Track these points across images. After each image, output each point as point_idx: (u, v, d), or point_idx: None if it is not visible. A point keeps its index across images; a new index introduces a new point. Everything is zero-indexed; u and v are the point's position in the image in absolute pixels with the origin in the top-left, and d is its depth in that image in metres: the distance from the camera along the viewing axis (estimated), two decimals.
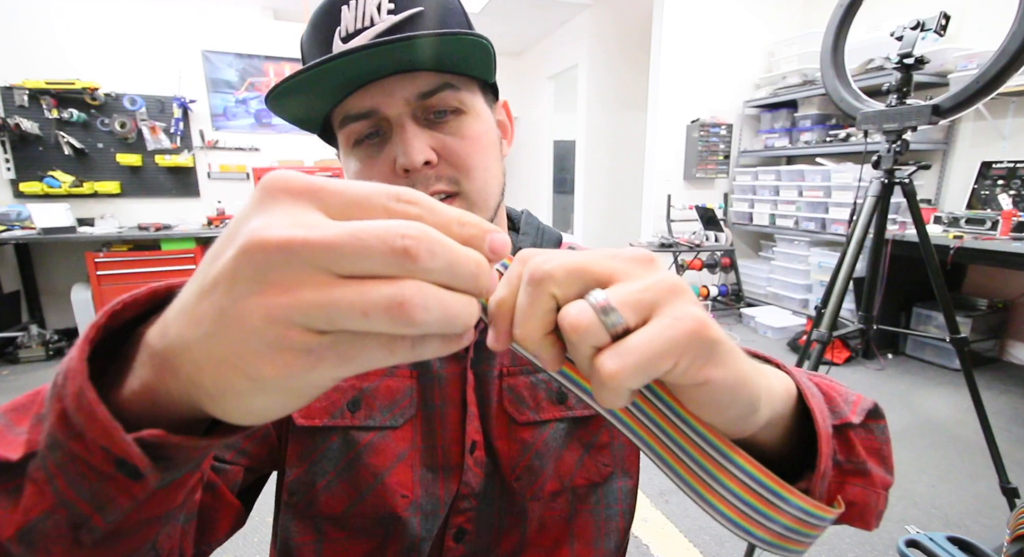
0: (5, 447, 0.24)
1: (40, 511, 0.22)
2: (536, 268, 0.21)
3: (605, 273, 0.21)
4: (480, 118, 0.47)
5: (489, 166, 0.47)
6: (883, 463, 0.35)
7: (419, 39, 0.39)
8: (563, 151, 6.09)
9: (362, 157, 0.45)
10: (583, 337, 0.20)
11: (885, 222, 1.47)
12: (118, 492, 0.21)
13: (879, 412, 0.36)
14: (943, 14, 1.33)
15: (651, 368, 0.20)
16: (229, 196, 3.88)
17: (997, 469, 1.48)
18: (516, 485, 0.48)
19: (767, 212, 3.82)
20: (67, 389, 0.20)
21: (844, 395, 0.36)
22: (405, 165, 0.42)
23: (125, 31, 3.50)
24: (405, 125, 0.43)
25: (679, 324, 0.20)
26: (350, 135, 0.45)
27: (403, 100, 0.43)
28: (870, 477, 0.34)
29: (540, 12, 4.77)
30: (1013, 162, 2.78)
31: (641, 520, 1.70)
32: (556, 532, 0.50)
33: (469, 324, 0.19)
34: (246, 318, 0.17)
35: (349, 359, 0.18)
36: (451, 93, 0.44)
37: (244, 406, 0.19)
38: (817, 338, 1.40)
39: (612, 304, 0.20)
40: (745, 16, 3.94)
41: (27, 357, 3.22)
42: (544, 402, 0.50)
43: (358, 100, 0.43)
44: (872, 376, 2.86)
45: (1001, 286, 3.01)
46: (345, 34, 0.42)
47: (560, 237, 0.60)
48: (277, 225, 0.17)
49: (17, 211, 3.30)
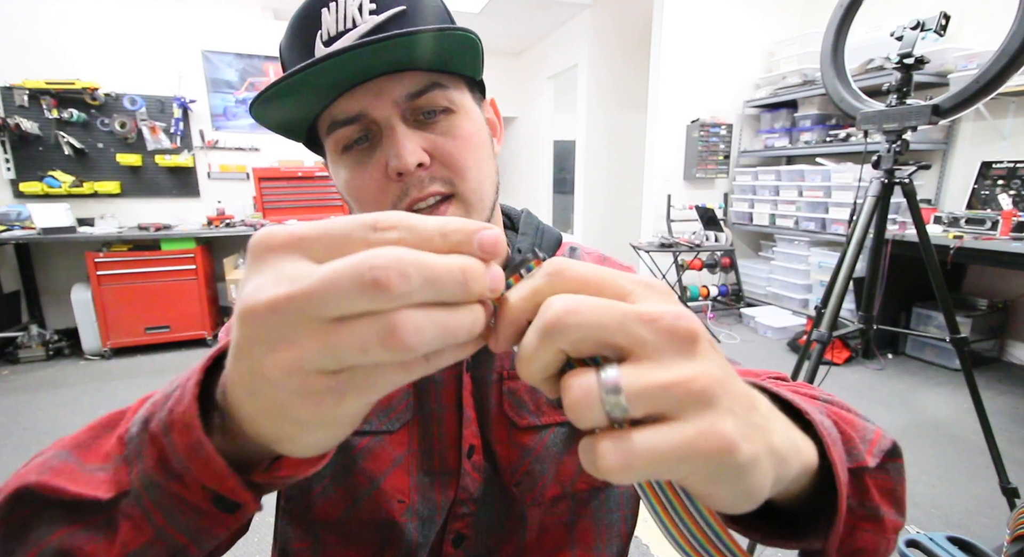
0: (87, 485, 0.26)
1: (139, 544, 0.25)
2: (553, 317, 0.19)
3: (631, 344, 0.18)
4: (470, 117, 0.46)
5: (482, 165, 0.46)
6: (896, 506, 0.34)
7: (407, 37, 0.38)
8: (563, 151, 6.09)
9: (352, 163, 0.44)
10: (579, 418, 0.18)
11: (885, 222, 1.47)
12: (214, 524, 0.24)
13: (897, 451, 0.34)
14: (943, 14, 1.33)
15: (653, 474, 0.18)
16: (229, 196, 3.88)
17: (997, 469, 1.48)
18: (516, 490, 0.48)
19: (767, 212, 3.82)
20: (173, 439, 0.23)
21: (862, 432, 0.34)
22: (398, 168, 0.41)
23: (125, 31, 3.50)
24: (395, 127, 0.42)
25: (702, 441, 0.18)
26: (338, 141, 0.43)
27: (391, 101, 0.42)
28: (882, 522, 0.32)
29: (540, 12, 4.77)
30: (1013, 162, 2.78)
31: (641, 520, 1.70)
32: (557, 537, 0.49)
33: (474, 331, 0.19)
34: (269, 375, 0.18)
35: (370, 387, 0.19)
36: (440, 92, 0.43)
37: (301, 443, 0.21)
38: (817, 338, 1.40)
39: (622, 389, 0.18)
40: (745, 16, 3.94)
41: (27, 357, 3.22)
42: (545, 406, 0.49)
43: (345, 104, 0.42)
44: (872, 376, 2.86)
45: (1001, 286, 3.01)
46: (327, 37, 0.41)
47: (560, 237, 0.59)
48: (265, 286, 0.18)
49: (17, 211, 3.30)
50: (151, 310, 3.30)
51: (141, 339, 3.33)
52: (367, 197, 0.44)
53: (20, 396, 2.73)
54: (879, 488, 0.33)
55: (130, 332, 3.29)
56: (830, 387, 2.26)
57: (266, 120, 0.44)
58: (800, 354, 1.60)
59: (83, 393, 2.76)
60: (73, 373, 3.07)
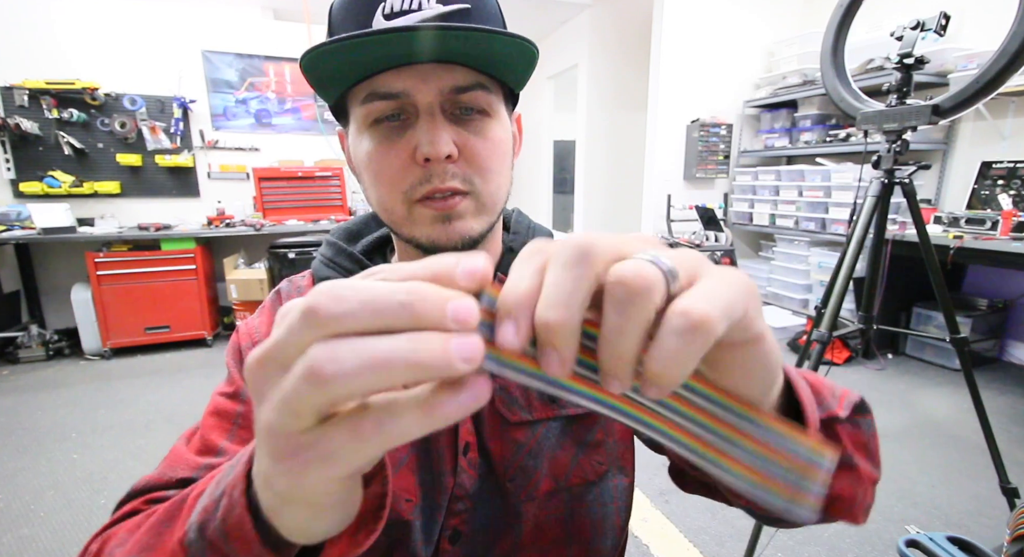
0: None
1: None
2: (580, 243, 0.18)
3: (642, 248, 0.19)
4: (502, 124, 0.47)
5: (503, 172, 0.47)
6: (870, 457, 0.35)
7: (477, 33, 0.39)
8: (563, 151, 6.09)
9: (380, 138, 0.44)
10: (647, 294, 0.17)
11: (885, 222, 1.47)
12: None
13: (866, 406, 0.36)
14: (943, 14, 1.33)
15: (733, 311, 0.18)
16: (229, 196, 3.88)
17: (997, 469, 1.48)
18: (510, 486, 0.48)
19: (767, 212, 3.82)
20: (233, 547, 0.25)
21: (831, 389, 0.36)
22: (428, 154, 0.41)
23: (125, 31, 3.50)
24: (435, 115, 0.42)
25: (732, 275, 0.19)
26: (371, 112, 0.43)
27: (437, 89, 0.42)
28: (857, 471, 0.34)
29: (540, 12, 4.77)
30: (1013, 162, 2.78)
31: (641, 520, 1.70)
32: (552, 532, 0.50)
33: (416, 359, 0.16)
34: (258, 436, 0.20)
35: (328, 455, 0.18)
36: (483, 94, 0.44)
37: (290, 522, 0.23)
38: (817, 338, 1.40)
39: (672, 265, 0.18)
40: (745, 16, 3.94)
41: (27, 357, 3.23)
42: (536, 402, 0.50)
43: (390, 80, 0.42)
44: (872, 376, 2.86)
45: (1001, 286, 3.01)
46: (390, 11, 0.41)
47: (551, 235, 0.60)
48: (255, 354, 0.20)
49: (17, 211, 3.30)
50: (151, 310, 3.31)
51: (141, 339, 3.33)
52: (387, 174, 0.44)
53: (20, 396, 2.73)
54: (851, 439, 0.34)
55: (130, 332, 3.29)
56: None
57: (312, 71, 0.43)
58: (800, 354, 1.60)
59: (83, 393, 2.76)
60: (73, 373, 3.07)
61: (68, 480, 1.96)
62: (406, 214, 0.45)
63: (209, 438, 0.46)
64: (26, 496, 1.87)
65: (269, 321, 0.53)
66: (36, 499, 1.85)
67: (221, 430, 0.46)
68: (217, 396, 0.49)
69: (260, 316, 0.54)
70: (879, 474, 0.36)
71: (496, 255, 0.55)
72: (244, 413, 0.47)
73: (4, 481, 1.96)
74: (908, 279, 2.91)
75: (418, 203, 0.44)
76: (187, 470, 0.43)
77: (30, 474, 2.01)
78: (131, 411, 2.54)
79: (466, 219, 0.45)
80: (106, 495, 1.87)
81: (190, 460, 0.44)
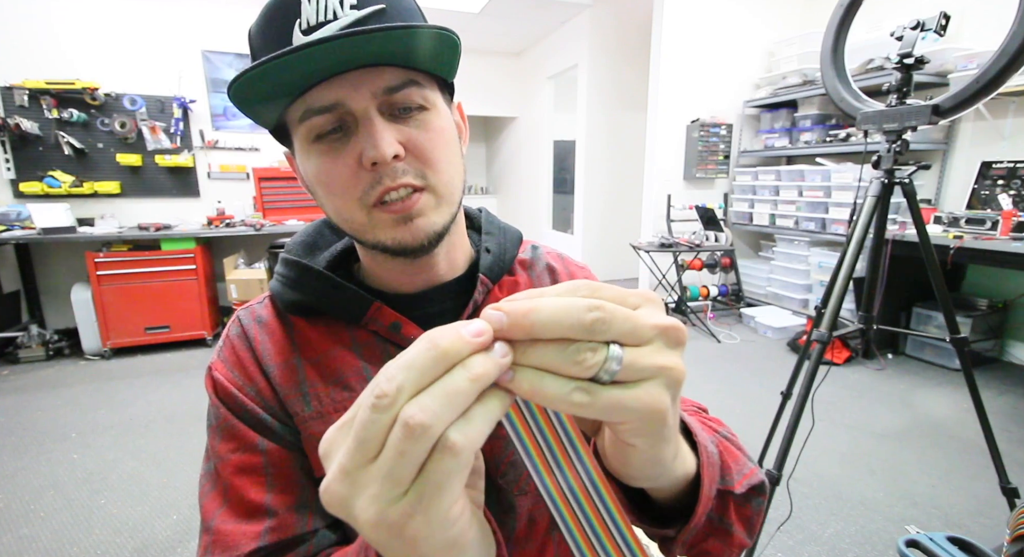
0: None
1: None
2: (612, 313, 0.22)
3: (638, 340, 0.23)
4: (442, 115, 0.47)
5: (453, 161, 0.47)
6: (748, 529, 0.40)
7: (398, 31, 0.38)
8: (563, 151, 6.08)
9: (323, 152, 0.44)
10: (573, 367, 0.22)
11: (885, 222, 1.46)
12: None
13: (764, 488, 0.41)
14: (943, 14, 1.33)
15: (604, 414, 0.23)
16: (229, 196, 3.88)
17: (997, 469, 1.48)
18: (502, 482, 0.49)
19: (767, 212, 3.82)
20: None
21: (741, 466, 0.40)
22: (374, 158, 0.41)
23: (125, 31, 3.50)
24: (373, 118, 0.42)
25: (650, 402, 0.23)
26: (311, 129, 0.43)
27: (370, 94, 0.42)
28: (731, 537, 0.39)
29: (540, 12, 4.77)
30: (1013, 162, 2.78)
31: None
32: (547, 526, 0.50)
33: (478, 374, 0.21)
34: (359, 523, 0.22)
35: (434, 491, 0.21)
36: (416, 90, 0.44)
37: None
38: (817, 338, 1.40)
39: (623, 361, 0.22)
40: (745, 16, 3.94)
41: (27, 357, 3.23)
42: None
43: (321, 94, 0.42)
44: (872, 376, 2.86)
45: (1001, 286, 3.01)
46: (307, 26, 0.41)
47: (521, 236, 0.61)
48: None
49: (17, 211, 3.30)
50: (151, 310, 3.31)
51: (141, 339, 3.33)
52: (338, 185, 0.44)
53: (20, 396, 2.73)
54: (738, 512, 0.39)
55: (130, 332, 3.29)
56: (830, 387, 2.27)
57: (242, 103, 0.43)
58: (800, 354, 1.60)
59: (83, 393, 2.76)
60: (73, 373, 3.07)
61: (68, 480, 1.96)
62: (366, 221, 0.44)
63: (248, 498, 0.44)
64: (26, 496, 1.87)
65: (235, 357, 0.50)
66: (36, 499, 1.85)
67: (257, 486, 0.45)
68: (228, 455, 0.46)
69: (225, 349, 0.51)
70: (750, 543, 0.41)
71: (467, 252, 0.55)
72: (270, 461, 0.46)
73: (4, 481, 1.96)
74: (908, 279, 2.91)
75: (376, 208, 0.44)
76: (250, 541, 0.42)
77: (30, 474, 2.01)
78: (131, 411, 2.54)
79: (427, 215, 0.45)
80: (106, 495, 1.86)
81: (245, 530, 0.43)
